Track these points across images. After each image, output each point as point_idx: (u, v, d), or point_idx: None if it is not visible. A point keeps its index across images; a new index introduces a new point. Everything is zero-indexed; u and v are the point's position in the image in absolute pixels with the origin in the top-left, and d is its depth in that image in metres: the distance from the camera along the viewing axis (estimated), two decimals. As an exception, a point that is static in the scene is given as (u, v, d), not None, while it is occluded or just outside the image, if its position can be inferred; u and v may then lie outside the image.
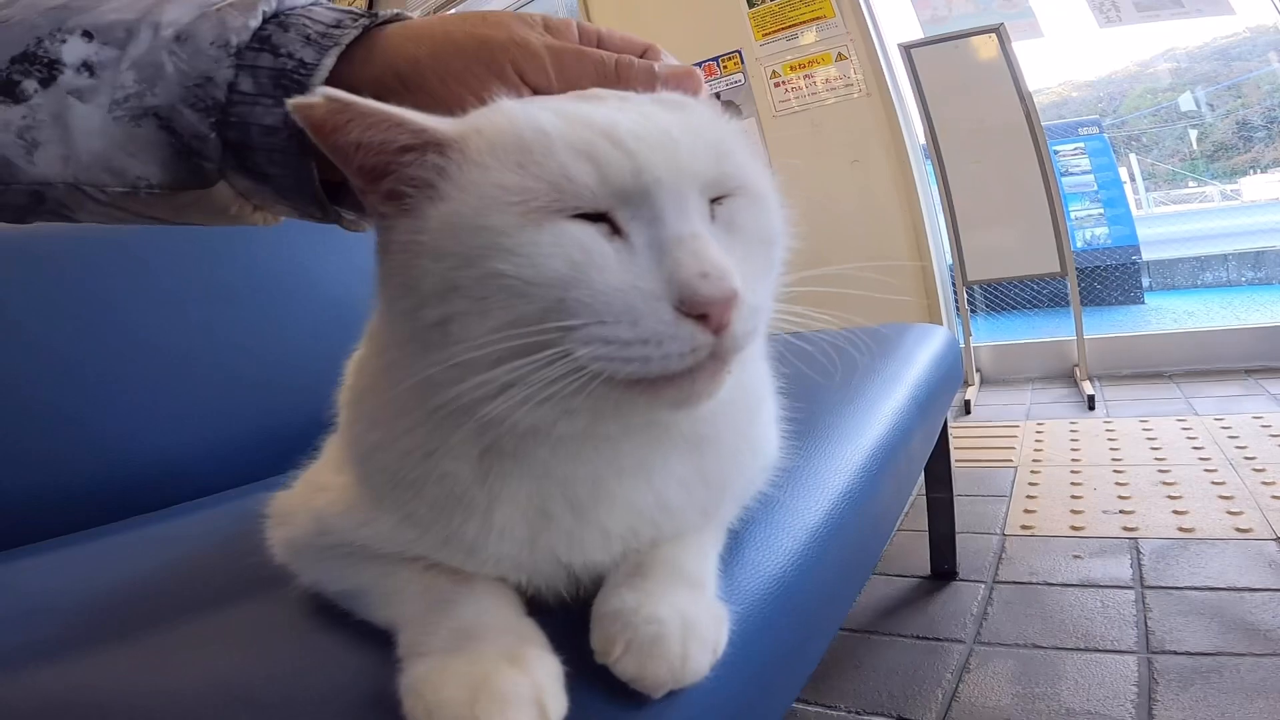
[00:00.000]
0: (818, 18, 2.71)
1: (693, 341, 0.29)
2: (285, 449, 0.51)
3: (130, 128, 0.34)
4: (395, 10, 0.40)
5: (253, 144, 0.35)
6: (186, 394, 0.85)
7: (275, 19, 0.36)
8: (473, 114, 0.33)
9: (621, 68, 0.38)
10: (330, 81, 0.34)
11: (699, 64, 2.97)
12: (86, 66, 0.34)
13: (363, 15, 0.38)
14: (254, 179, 0.36)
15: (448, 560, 0.35)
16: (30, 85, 0.33)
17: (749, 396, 0.40)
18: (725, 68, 2.91)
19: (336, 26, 0.36)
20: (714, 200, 0.32)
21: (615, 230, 0.30)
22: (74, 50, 0.34)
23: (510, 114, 0.31)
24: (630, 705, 0.30)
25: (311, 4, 0.38)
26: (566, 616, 0.35)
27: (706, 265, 0.29)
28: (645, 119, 0.31)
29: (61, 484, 0.76)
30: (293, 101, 0.30)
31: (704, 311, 0.28)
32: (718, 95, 2.88)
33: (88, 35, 0.34)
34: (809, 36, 2.73)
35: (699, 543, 0.38)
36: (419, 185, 0.31)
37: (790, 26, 2.76)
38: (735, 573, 0.40)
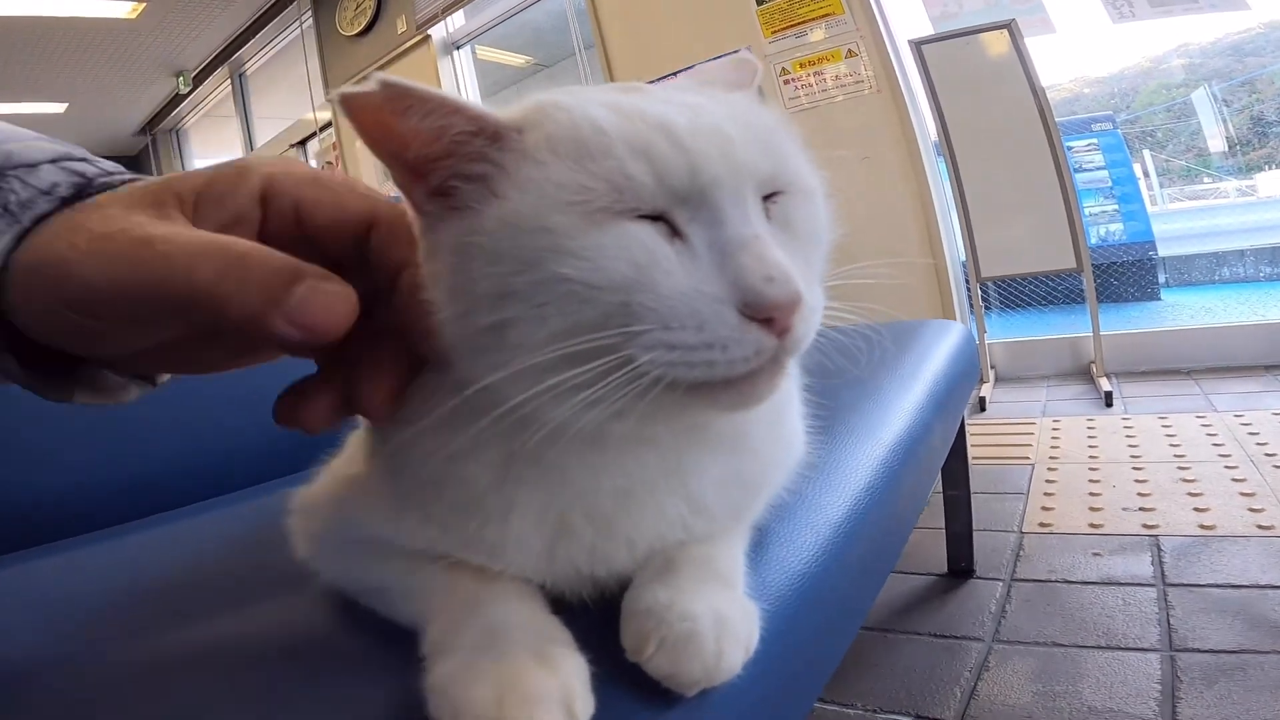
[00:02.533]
0: (827, 14, 2.70)
1: (758, 345, 0.28)
2: (303, 445, 0.50)
3: None
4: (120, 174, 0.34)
5: None
6: (204, 391, 0.86)
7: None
8: (524, 107, 0.31)
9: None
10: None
11: (707, 61, 2.97)
12: None
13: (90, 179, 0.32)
14: None
15: (471, 559, 0.35)
16: None
17: (782, 394, 0.40)
18: (735, 66, 2.90)
19: (46, 193, 0.30)
20: (766, 197, 0.32)
21: (674, 231, 0.29)
22: None
23: (567, 109, 0.30)
24: (660, 705, 0.30)
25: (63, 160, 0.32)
26: (592, 614, 0.34)
27: (771, 269, 0.28)
28: (699, 114, 0.30)
29: (79, 483, 0.77)
30: (346, 90, 0.28)
31: (770, 316, 0.28)
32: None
33: None
34: (818, 33, 2.72)
35: (729, 540, 0.38)
36: (472, 180, 0.30)
37: (799, 23, 2.75)
38: (760, 569, 0.40)
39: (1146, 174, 5.01)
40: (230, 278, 0.27)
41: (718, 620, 0.31)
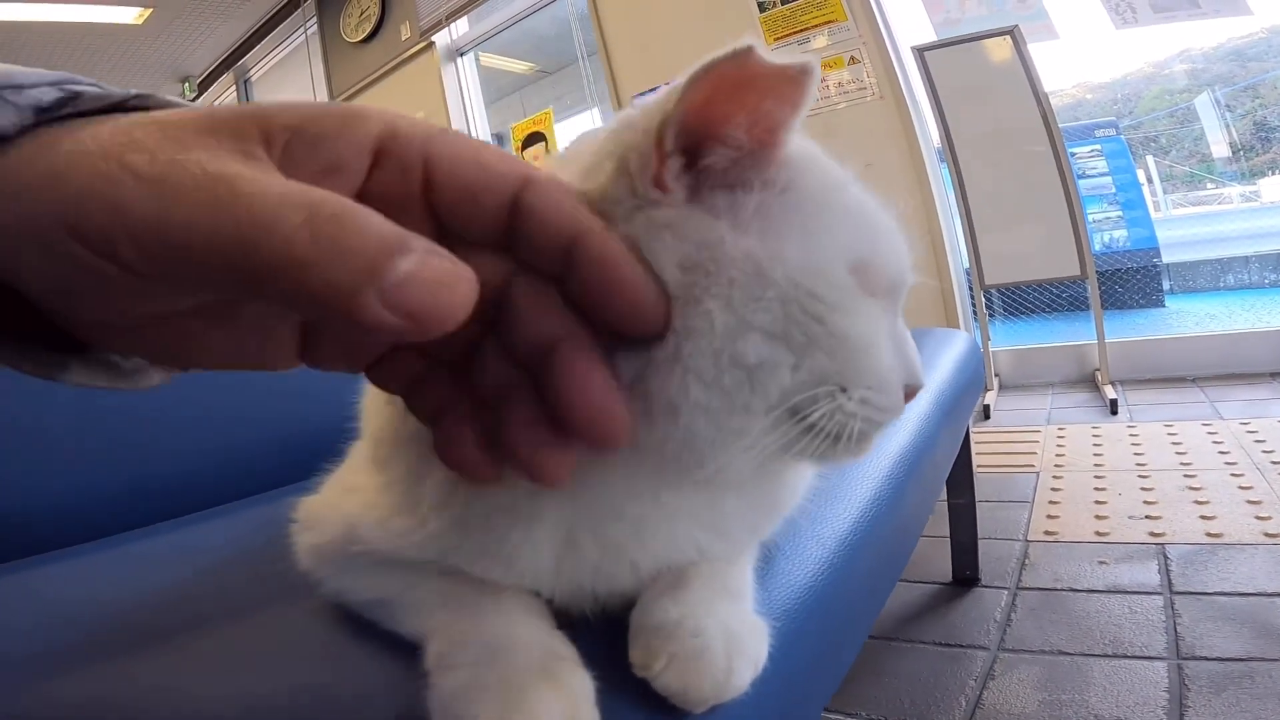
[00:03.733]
0: (829, 21, 2.71)
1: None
2: (307, 454, 0.50)
3: None
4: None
5: None
6: (207, 399, 0.86)
7: None
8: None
9: None
10: None
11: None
12: None
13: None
14: None
15: (483, 573, 0.34)
16: None
17: None
18: (738, 73, 2.91)
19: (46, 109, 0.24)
20: None
21: None
22: None
23: (832, 169, 0.33)
24: (665, 718, 0.30)
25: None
26: (597, 630, 0.34)
27: (918, 365, 0.34)
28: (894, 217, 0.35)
29: (83, 491, 0.77)
30: (762, 55, 0.26)
31: (912, 395, 0.33)
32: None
33: None
34: (820, 40, 2.73)
35: (739, 556, 0.38)
36: (728, 186, 0.29)
37: (801, 30, 2.76)
38: (767, 584, 0.40)
39: (1150, 180, 5.02)
40: (323, 242, 0.21)
41: (728, 637, 0.31)
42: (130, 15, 4.17)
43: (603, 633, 0.33)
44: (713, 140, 0.28)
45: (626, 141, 0.28)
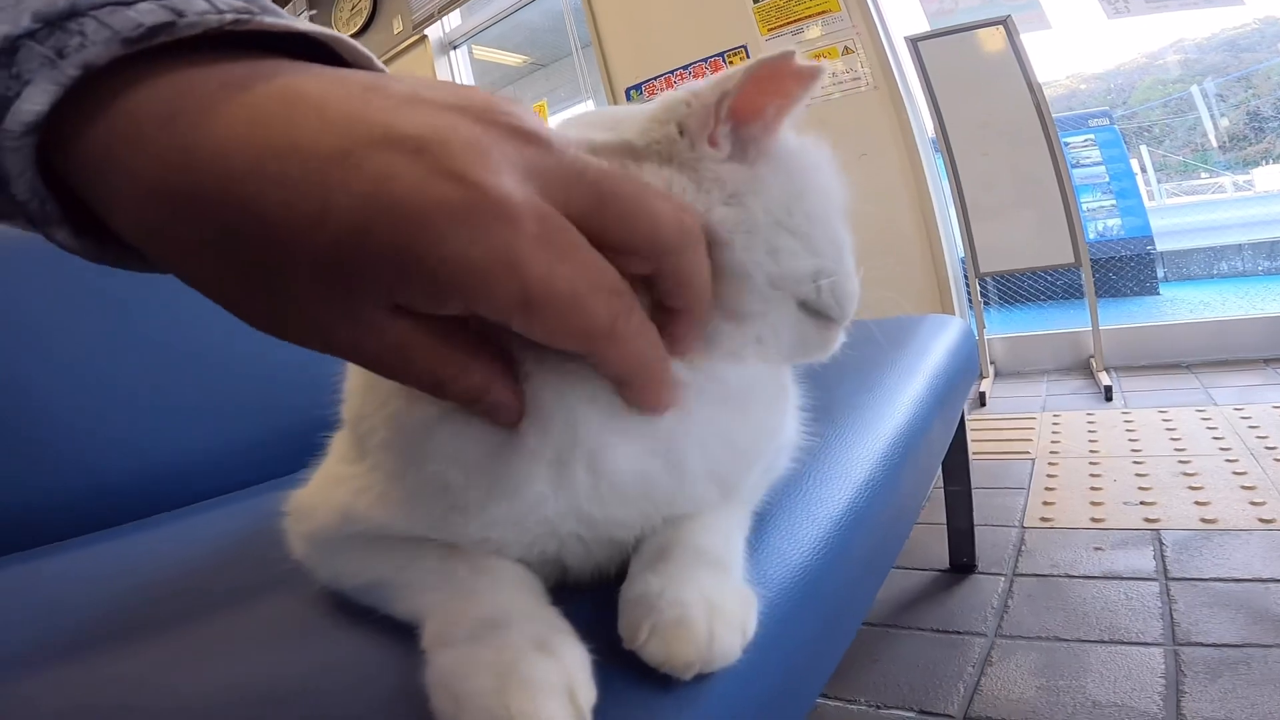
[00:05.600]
0: (823, 11, 2.70)
1: None
2: (301, 446, 0.50)
3: None
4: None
5: None
6: (203, 392, 0.85)
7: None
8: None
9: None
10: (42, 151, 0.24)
11: (704, 60, 2.97)
12: None
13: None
14: None
15: (484, 526, 0.34)
16: None
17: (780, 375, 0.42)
18: (731, 64, 2.89)
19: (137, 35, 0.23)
20: None
21: None
22: None
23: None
24: (661, 694, 0.30)
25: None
26: (591, 604, 0.34)
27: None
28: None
29: (80, 484, 0.76)
30: (801, 60, 0.33)
31: None
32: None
33: None
34: (814, 31, 2.73)
35: (721, 525, 0.38)
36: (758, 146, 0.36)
37: (796, 20, 2.75)
38: (761, 561, 0.40)
39: (1144, 169, 5.03)
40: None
41: (709, 605, 0.31)
42: (120, 11, 4.15)
43: (596, 607, 0.33)
44: (754, 114, 0.35)
45: (684, 113, 0.34)
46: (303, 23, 0.28)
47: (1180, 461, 1.57)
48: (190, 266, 0.25)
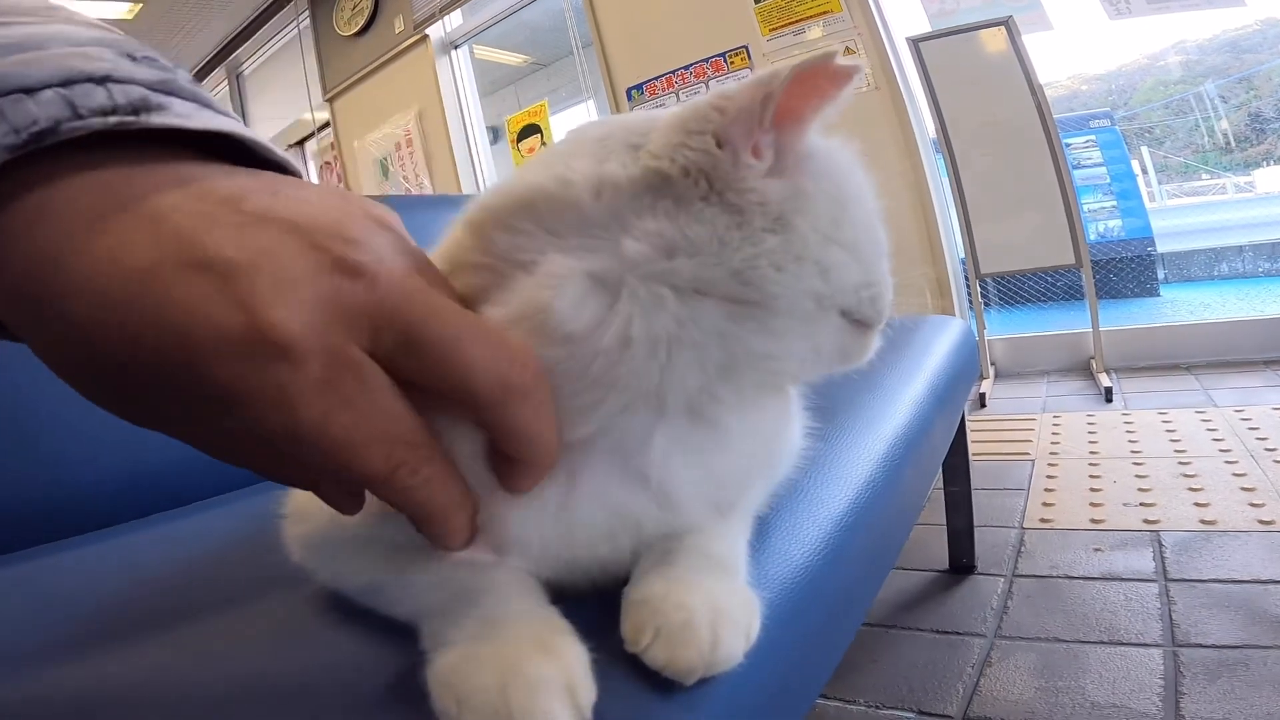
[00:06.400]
0: (824, 12, 2.70)
1: None
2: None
3: None
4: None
5: None
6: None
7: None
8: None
9: None
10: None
11: (705, 60, 2.97)
12: None
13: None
14: None
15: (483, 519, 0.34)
16: None
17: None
18: (732, 64, 2.91)
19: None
20: None
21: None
22: None
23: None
24: (662, 694, 0.30)
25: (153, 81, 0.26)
26: (592, 606, 0.34)
27: None
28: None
29: (78, 483, 0.76)
30: (841, 60, 0.32)
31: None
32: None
33: None
34: (816, 31, 2.73)
35: (726, 529, 0.38)
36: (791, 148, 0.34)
37: (797, 21, 2.76)
38: (763, 561, 0.40)
39: (1145, 170, 5.03)
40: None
41: (713, 609, 0.31)
42: (121, 10, 4.16)
43: (598, 609, 0.33)
44: (795, 118, 0.33)
45: (720, 121, 0.31)
46: (203, 118, 0.27)
47: (1180, 463, 1.57)
48: (49, 362, 0.26)
